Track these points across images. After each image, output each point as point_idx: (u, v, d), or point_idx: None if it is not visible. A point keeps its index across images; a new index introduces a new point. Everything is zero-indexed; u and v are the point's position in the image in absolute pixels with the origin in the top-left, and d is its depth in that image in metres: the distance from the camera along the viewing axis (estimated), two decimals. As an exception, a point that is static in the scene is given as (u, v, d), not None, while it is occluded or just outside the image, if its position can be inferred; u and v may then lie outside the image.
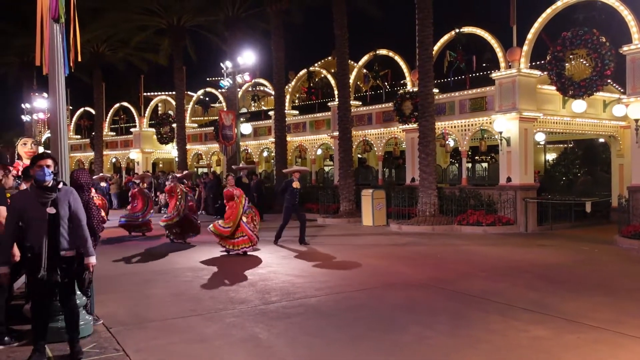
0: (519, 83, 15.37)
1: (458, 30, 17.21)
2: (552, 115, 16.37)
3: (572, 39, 14.35)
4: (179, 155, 27.16)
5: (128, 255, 11.43)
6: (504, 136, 15.64)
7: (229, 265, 10.22)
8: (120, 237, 14.48)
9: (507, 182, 15.62)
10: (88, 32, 25.10)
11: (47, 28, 5.60)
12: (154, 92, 35.00)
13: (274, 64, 22.32)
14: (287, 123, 22.90)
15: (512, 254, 11.18)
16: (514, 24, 15.70)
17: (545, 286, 8.05)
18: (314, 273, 9.28)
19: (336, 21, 19.31)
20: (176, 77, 26.58)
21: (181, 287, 8.27)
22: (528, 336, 5.66)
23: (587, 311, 6.54)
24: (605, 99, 17.10)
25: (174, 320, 6.40)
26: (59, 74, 5.70)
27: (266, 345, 5.50)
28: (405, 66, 19.13)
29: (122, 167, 32.93)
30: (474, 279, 8.62)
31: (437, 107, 17.05)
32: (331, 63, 24.93)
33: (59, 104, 5.73)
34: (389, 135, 20.36)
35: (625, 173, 16.70)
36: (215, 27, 26.52)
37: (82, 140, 35.62)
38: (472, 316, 6.44)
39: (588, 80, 14.08)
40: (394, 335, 5.76)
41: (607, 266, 9.94)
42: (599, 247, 11.98)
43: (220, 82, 22.25)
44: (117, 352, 5.27)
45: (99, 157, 31.17)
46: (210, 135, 27.54)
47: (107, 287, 7.94)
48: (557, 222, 15.58)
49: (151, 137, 31.06)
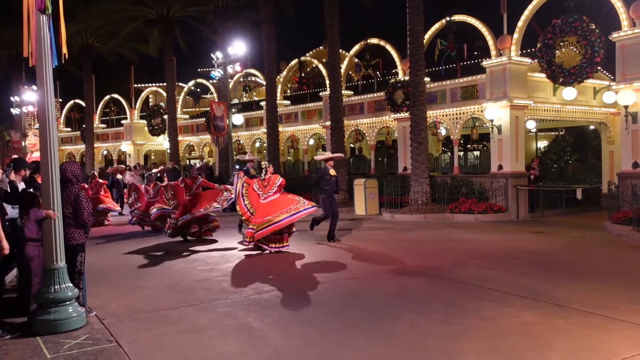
0: (510, 71, 15.39)
1: (449, 18, 17.19)
2: (543, 103, 16.42)
3: (562, 26, 14.36)
4: (170, 147, 27.06)
5: (121, 248, 11.40)
6: (495, 124, 15.68)
7: (222, 256, 10.21)
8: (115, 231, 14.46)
9: (498, 170, 15.69)
10: (77, 23, 24.88)
11: (33, 19, 5.54)
12: (144, 84, 34.74)
13: (265, 54, 22.21)
14: (279, 113, 22.83)
15: (503, 242, 11.26)
16: (504, 11, 15.69)
17: (536, 273, 8.11)
18: (307, 263, 9.30)
19: (327, 10, 19.22)
20: (167, 68, 26.40)
21: (174, 278, 8.27)
22: (519, 322, 5.71)
23: (577, 297, 6.60)
24: (595, 86, 17.18)
25: (167, 311, 6.41)
26: (46, 66, 5.64)
27: (260, 335, 5.53)
28: (396, 55, 19.10)
29: (114, 159, 32.77)
30: (467, 267, 8.67)
31: (428, 95, 17.06)
32: (322, 53, 24.81)
33: (47, 96, 5.68)
34: (381, 125, 20.36)
35: (615, 160, 16.82)
36: (206, 18, 26.35)
37: (72, 133, 35.38)
38: (465, 303, 6.48)
39: (578, 68, 14.11)
40: (386, 323, 5.80)
41: (597, 252, 10.03)
42: (589, 234, 12.08)
43: (211, 73, 22.14)
44: (110, 343, 5.27)
45: (90, 149, 31.00)
46: (202, 126, 27.44)
47: (99, 279, 7.94)
48: (549, 209, 15.68)
49: (142, 129, 30.90)
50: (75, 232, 6.10)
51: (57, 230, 5.71)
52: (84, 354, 4.99)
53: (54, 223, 5.68)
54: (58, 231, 5.72)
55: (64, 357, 4.90)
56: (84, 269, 6.32)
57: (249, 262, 9.51)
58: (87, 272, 6.52)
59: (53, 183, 5.69)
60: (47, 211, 5.65)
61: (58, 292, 5.63)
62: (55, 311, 5.59)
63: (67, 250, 5.86)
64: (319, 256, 9.89)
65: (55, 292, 5.62)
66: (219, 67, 21.49)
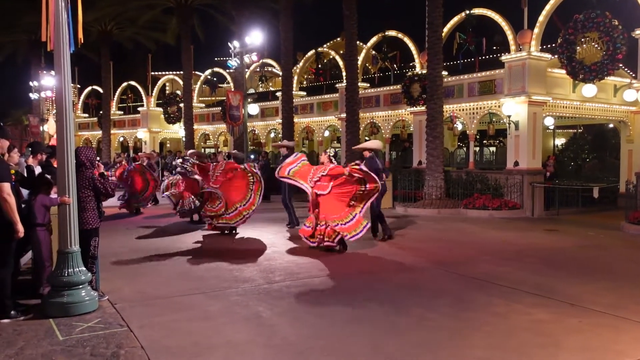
0: (529, 66, 15.19)
1: (468, 12, 16.99)
2: (562, 100, 16.20)
3: (584, 21, 14.13)
4: (186, 135, 27.19)
5: (135, 234, 11.51)
6: (512, 120, 15.51)
7: (234, 245, 10.26)
8: (126, 215, 14.60)
9: (514, 167, 15.53)
10: (96, 10, 25.02)
11: (52, 3, 5.57)
12: (161, 72, 34.91)
13: (282, 44, 22.17)
14: (294, 104, 22.81)
15: (517, 238, 11.16)
16: (525, 5, 15.46)
17: (549, 270, 8.04)
18: (318, 254, 9.31)
19: (345, 1, 19.11)
20: (184, 56, 26.49)
21: (186, 265, 8.33)
22: (530, 319, 5.66)
23: (590, 295, 6.53)
24: (616, 83, 16.89)
25: (179, 297, 6.46)
26: (64, 51, 5.67)
27: (269, 324, 5.55)
28: (414, 48, 18.95)
29: (130, 146, 33.03)
30: (479, 262, 8.62)
31: (445, 89, 16.91)
32: (340, 44, 24.69)
33: (64, 80, 5.72)
34: (397, 118, 20.25)
35: (634, 159, 16.58)
36: (224, 7, 26.33)
37: (89, 119, 35.70)
38: (476, 299, 6.45)
39: (599, 64, 13.89)
40: (396, 316, 5.79)
41: (612, 252, 9.90)
42: (605, 233, 11.93)
43: (228, 62, 22.11)
44: (122, 327, 5.33)
45: (106, 136, 31.26)
46: (218, 115, 27.50)
47: (112, 264, 8.02)
48: (564, 208, 15.50)
49: (158, 117, 31.07)
50: (89, 216, 6.18)
51: (71, 215, 5.77)
52: (95, 337, 5.04)
53: (69, 208, 5.74)
54: (73, 216, 5.78)
55: (75, 340, 4.96)
56: (98, 254, 6.39)
57: (260, 253, 9.53)
58: (101, 256, 6.60)
59: (68, 168, 5.74)
60: (62, 197, 5.71)
61: (71, 275, 5.70)
62: (68, 294, 5.66)
63: (81, 234, 5.93)
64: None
65: (69, 276, 5.69)
66: (235, 56, 21.46)
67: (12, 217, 5.46)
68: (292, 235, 11.24)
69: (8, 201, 5.43)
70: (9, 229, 5.47)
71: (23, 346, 4.81)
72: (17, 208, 5.57)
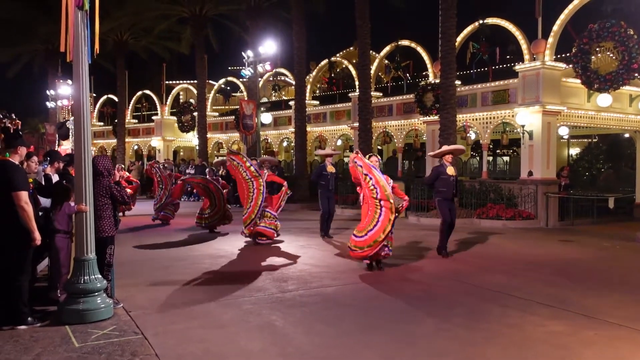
0: (543, 76, 15.13)
1: (482, 21, 17.00)
2: (577, 109, 16.11)
3: (598, 31, 14.07)
4: (199, 144, 27.38)
5: (149, 242, 11.59)
6: (526, 130, 15.44)
7: (247, 253, 10.30)
8: (144, 225, 14.71)
9: (528, 177, 15.44)
10: (112, 20, 25.38)
11: (71, 15, 5.67)
12: (175, 81, 35.24)
13: (295, 53, 22.29)
14: (307, 113, 22.90)
15: (531, 249, 11.07)
16: (539, 15, 15.44)
17: (564, 282, 7.97)
18: (331, 263, 9.31)
19: (358, 11, 19.21)
20: (198, 65, 26.73)
21: (200, 273, 8.37)
22: (545, 331, 5.61)
23: (606, 308, 6.46)
24: (631, 93, 16.77)
25: (193, 306, 6.49)
26: (82, 61, 5.77)
27: (282, 333, 5.56)
28: (427, 57, 18.96)
29: (144, 154, 33.33)
30: (492, 273, 8.56)
31: (458, 99, 16.89)
32: (353, 53, 24.79)
33: (82, 91, 5.81)
34: (410, 127, 20.24)
35: (650, 169, 16.40)
36: (237, 16, 26.60)
37: (104, 127, 36.08)
38: (490, 310, 6.41)
39: (614, 74, 13.81)
40: (409, 326, 5.77)
41: (628, 263, 9.79)
42: (620, 244, 11.80)
43: (241, 72, 22.31)
44: (136, 335, 5.37)
45: (121, 144, 31.57)
46: (231, 124, 27.67)
47: (128, 272, 8.08)
48: (579, 218, 15.35)
49: (172, 125, 31.33)
50: (106, 224, 6.24)
51: (88, 223, 5.83)
52: (111, 344, 5.09)
53: (86, 216, 5.81)
54: (89, 224, 5.85)
55: (91, 347, 5.01)
56: (113, 261, 6.45)
57: (272, 261, 9.55)
58: (116, 264, 6.66)
59: (86, 177, 5.82)
60: (79, 205, 5.79)
61: (87, 282, 5.76)
62: (84, 301, 5.71)
63: (97, 242, 5.99)
64: (342, 257, 9.88)
65: (85, 283, 5.75)
66: (249, 65, 21.64)
67: (30, 226, 5.53)
68: (305, 244, 11.26)
69: (26, 209, 5.51)
70: (27, 237, 5.54)
71: (40, 352, 4.86)
72: (34, 216, 5.65)
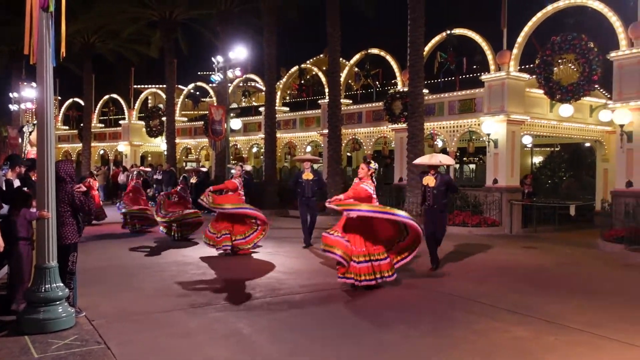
0: (508, 86, 15.48)
1: (449, 31, 17.30)
2: (540, 119, 16.52)
3: (561, 43, 14.47)
4: (167, 149, 27.01)
5: (114, 249, 11.37)
6: (491, 138, 15.76)
7: (214, 260, 10.19)
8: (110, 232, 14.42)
9: (493, 184, 15.74)
10: (79, 22, 24.90)
11: (36, 16, 5.55)
12: (144, 85, 34.74)
13: (266, 59, 22.27)
14: (277, 119, 22.85)
15: (496, 256, 11.27)
16: (504, 27, 15.80)
17: (528, 288, 8.13)
18: (300, 270, 9.30)
19: (329, 19, 19.32)
20: (167, 70, 26.41)
21: (166, 281, 8.25)
22: (510, 337, 5.72)
23: (568, 313, 6.61)
24: (592, 104, 17.29)
25: (158, 314, 6.39)
26: (47, 64, 5.64)
27: (249, 341, 5.52)
28: (396, 66, 19.19)
29: (110, 159, 32.73)
30: (459, 280, 8.68)
31: (426, 107, 17.13)
32: (323, 61, 24.90)
33: (46, 94, 5.68)
34: (379, 134, 20.42)
35: (610, 178, 16.91)
36: (208, 21, 26.40)
37: (70, 131, 35.29)
38: (456, 316, 6.49)
39: (575, 85, 14.21)
40: (378, 333, 5.80)
41: (589, 269, 10.06)
42: (581, 250, 12.11)
43: (211, 77, 22.13)
44: (99, 345, 5.25)
45: (87, 148, 30.90)
46: (200, 129, 27.42)
47: (91, 280, 7.90)
48: (542, 225, 15.72)
49: (140, 130, 30.87)
50: (68, 231, 6.09)
51: (50, 230, 5.69)
52: (72, 354, 4.96)
53: (48, 222, 5.67)
54: (51, 230, 5.71)
55: (51, 358, 4.88)
56: (76, 269, 6.30)
57: (240, 268, 9.49)
58: (79, 272, 6.50)
59: (48, 182, 5.68)
60: (41, 212, 5.64)
61: (48, 291, 5.61)
62: (45, 310, 5.56)
63: (59, 249, 5.85)
64: (310, 264, 9.88)
65: (46, 292, 5.60)
66: (219, 71, 21.50)
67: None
68: (274, 251, 11.22)
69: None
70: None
71: (-3, 364, 4.72)
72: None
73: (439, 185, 9.33)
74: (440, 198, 9.36)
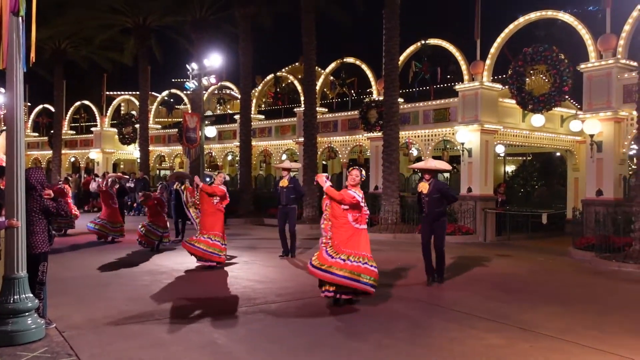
0: (482, 96, 15.73)
1: (424, 41, 17.52)
2: (512, 128, 16.80)
3: (532, 54, 14.77)
4: (141, 157, 26.65)
5: (86, 258, 11.13)
6: (465, 147, 15.96)
7: (189, 270, 10.05)
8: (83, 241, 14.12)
9: (467, 193, 15.92)
10: (50, 27, 24.47)
11: (6, 21, 5.42)
12: (117, 92, 34.31)
13: (241, 67, 22.21)
14: (252, 127, 22.79)
15: (471, 264, 11.37)
16: (478, 37, 16.08)
17: (502, 296, 8.22)
18: (275, 279, 9.24)
19: (304, 28, 19.38)
20: (141, 77, 26.12)
21: (139, 291, 8.10)
22: (484, 344, 5.76)
23: (541, 320, 6.70)
24: (563, 114, 17.67)
25: (131, 324, 6.26)
26: (16, 69, 5.52)
27: (225, 351, 5.44)
28: (371, 75, 19.33)
29: (81, 166, 32.15)
30: (434, 288, 8.73)
31: (401, 116, 17.29)
32: (298, 69, 24.96)
33: (16, 100, 5.55)
34: (354, 143, 20.51)
35: (580, 186, 17.27)
36: (182, 29, 26.19)
37: (40, 138, 34.60)
38: (432, 324, 6.52)
39: (547, 96, 14.52)
40: (353, 342, 5.78)
41: (561, 277, 10.22)
42: (553, 258, 12.32)
43: (185, 84, 21.91)
44: (70, 356, 5.11)
45: (57, 155, 30.31)
46: (174, 137, 27.17)
47: (62, 290, 7.71)
48: (515, 233, 15.95)
49: (113, 137, 30.43)
50: (39, 240, 5.94)
51: (19, 239, 5.54)
52: (42, 367, 4.83)
53: (17, 231, 5.52)
54: (21, 239, 5.55)
55: (20, 371, 4.74)
56: (46, 279, 6.14)
57: (216, 277, 9.38)
58: (49, 282, 6.33)
59: (18, 190, 5.53)
60: (10, 221, 5.49)
61: (17, 302, 5.45)
62: (13, 322, 5.39)
63: (29, 259, 5.69)
64: (286, 273, 9.83)
65: (15, 303, 5.44)
66: (193, 78, 21.31)
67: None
68: (250, 260, 11.13)
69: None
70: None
71: (-38, 378, 4.56)
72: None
73: (431, 192, 8.85)
74: (434, 205, 8.85)
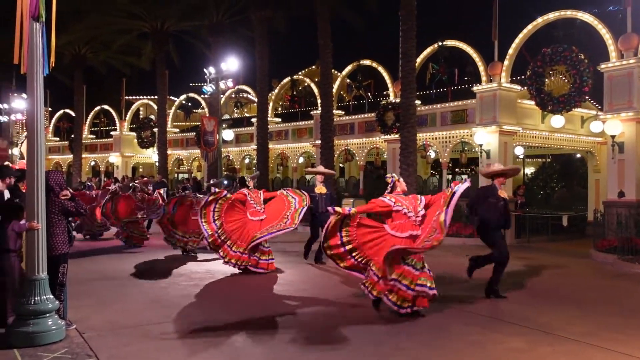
0: (500, 97, 15.57)
1: (441, 43, 17.42)
2: (531, 130, 16.60)
3: (551, 55, 14.59)
4: (159, 160, 26.90)
5: (105, 261, 11.24)
6: (484, 149, 15.81)
7: (207, 272, 10.09)
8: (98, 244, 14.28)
9: (488, 195, 15.73)
10: (70, 33, 24.83)
11: (26, 25, 5.50)
12: (135, 96, 34.69)
13: (258, 71, 22.30)
14: (269, 130, 22.85)
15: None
16: (495, 38, 15.94)
17: (522, 298, 8.11)
18: (295, 281, 9.23)
19: (320, 31, 19.39)
20: (159, 81, 26.38)
21: (157, 293, 8.15)
22: (506, 348, 5.68)
23: (562, 324, 6.59)
24: (583, 115, 17.40)
25: (148, 326, 6.29)
26: (37, 74, 5.59)
27: (243, 353, 5.44)
28: (388, 77, 19.26)
29: (101, 170, 32.55)
30: (453, 291, 8.64)
31: (418, 118, 17.18)
32: (315, 72, 25.00)
33: (36, 104, 5.62)
34: (371, 145, 20.44)
35: (601, 188, 16.99)
36: (199, 33, 26.42)
37: (60, 143, 35.11)
38: (451, 328, 6.44)
39: (567, 96, 14.32)
40: (371, 346, 5.73)
41: (582, 279, 10.06)
42: (574, 261, 12.12)
43: (203, 88, 22.11)
44: (90, 357, 5.16)
45: (77, 159, 30.73)
46: (192, 140, 27.36)
47: (81, 292, 7.79)
48: (535, 235, 15.73)
49: (132, 141, 30.75)
50: (59, 241, 6.01)
51: (40, 241, 5.61)
52: (62, 368, 4.87)
53: (37, 233, 5.59)
54: (41, 241, 5.62)
55: (41, 371, 4.78)
56: (66, 281, 6.20)
57: (233, 280, 9.40)
58: (69, 284, 6.40)
59: (38, 193, 5.60)
60: (31, 223, 5.56)
61: (38, 303, 5.51)
62: (34, 323, 5.46)
63: (50, 260, 5.76)
64: (308, 277, 9.81)
65: (35, 304, 5.50)
66: (211, 82, 21.46)
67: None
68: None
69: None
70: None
71: (-15, 378, 4.61)
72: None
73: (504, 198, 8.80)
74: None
